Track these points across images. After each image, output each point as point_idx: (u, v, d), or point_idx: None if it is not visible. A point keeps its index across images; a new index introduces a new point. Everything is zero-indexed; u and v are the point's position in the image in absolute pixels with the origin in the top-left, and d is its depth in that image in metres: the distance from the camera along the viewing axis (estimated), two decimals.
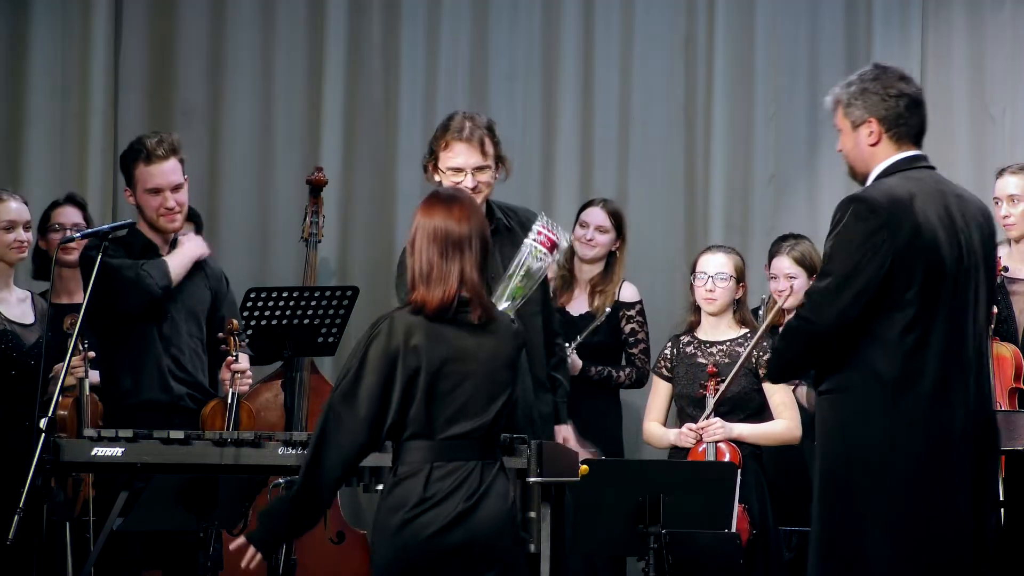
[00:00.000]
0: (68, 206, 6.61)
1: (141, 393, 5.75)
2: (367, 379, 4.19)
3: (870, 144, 4.50)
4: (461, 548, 4.19)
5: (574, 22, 7.93)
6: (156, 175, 5.76)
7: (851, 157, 4.55)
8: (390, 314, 4.27)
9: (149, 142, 5.79)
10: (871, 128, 4.48)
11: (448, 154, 5.44)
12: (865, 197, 4.41)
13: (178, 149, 5.81)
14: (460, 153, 5.43)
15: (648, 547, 5.44)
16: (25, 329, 5.71)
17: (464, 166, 5.42)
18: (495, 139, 5.48)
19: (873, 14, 7.99)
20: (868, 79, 4.52)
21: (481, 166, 5.43)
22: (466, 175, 5.42)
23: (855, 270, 4.34)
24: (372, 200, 7.83)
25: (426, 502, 4.18)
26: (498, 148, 5.49)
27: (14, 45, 7.66)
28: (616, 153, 7.94)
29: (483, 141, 5.42)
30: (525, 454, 4.84)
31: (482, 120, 5.49)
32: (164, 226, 5.83)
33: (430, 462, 4.21)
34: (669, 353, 6.40)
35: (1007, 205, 6.39)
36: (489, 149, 5.44)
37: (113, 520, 5.12)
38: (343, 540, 6.93)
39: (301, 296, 6.76)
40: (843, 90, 4.54)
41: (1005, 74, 7.93)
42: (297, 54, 7.85)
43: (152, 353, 5.77)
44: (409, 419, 4.21)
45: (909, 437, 4.36)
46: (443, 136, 5.46)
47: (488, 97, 7.85)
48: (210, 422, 5.72)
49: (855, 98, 4.51)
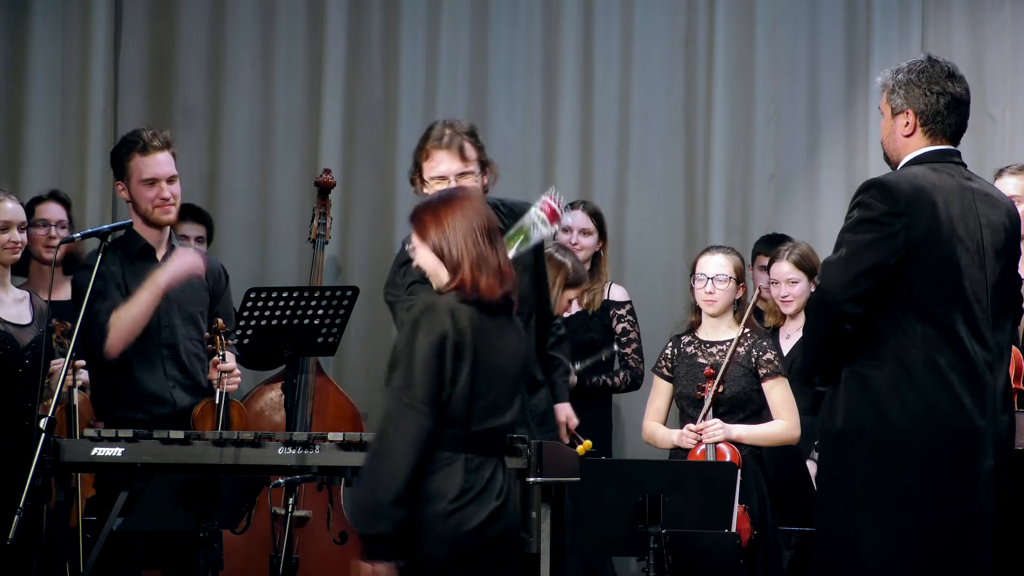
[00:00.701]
0: (52, 202, 6.60)
1: (141, 396, 5.76)
2: (419, 365, 4.19)
3: (905, 134, 4.52)
4: (496, 541, 4.27)
5: (574, 22, 7.93)
6: (152, 165, 5.78)
7: (886, 143, 4.59)
8: (431, 299, 4.27)
9: (145, 134, 5.83)
10: (908, 119, 4.50)
11: (430, 164, 5.43)
12: (887, 181, 4.42)
13: (172, 144, 5.86)
14: (441, 161, 5.41)
15: (648, 547, 5.44)
16: (20, 329, 5.70)
17: (446, 173, 5.40)
18: (477, 144, 5.45)
19: (873, 14, 7.99)
20: (916, 70, 4.53)
21: (463, 172, 5.41)
22: (449, 182, 5.39)
23: (869, 245, 4.35)
24: (372, 200, 7.83)
25: (467, 494, 4.22)
26: (481, 152, 5.46)
27: (14, 45, 7.65)
28: (616, 153, 7.93)
29: (462, 147, 5.40)
30: (525, 454, 4.84)
31: (462, 126, 5.46)
32: (159, 218, 5.82)
33: (463, 454, 4.23)
34: (670, 353, 6.40)
35: None
36: (470, 154, 5.42)
37: (113, 520, 5.12)
38: (346, 540, 6.93)
39: (301, 296, 6.75)
40: (891, 76, 4.56)
41: (1005, 73, 7.93)
42: (297, 54, 7.85)
43: (151, 357, 5.78)
44: (451, 406, 4.22)
45: (919, 431, 4.35)
46: (424, 146, 5.45)
47: (488, 97, 7.85)
48: (200, 423, 5.72)
49: (900, 86, 4.53)
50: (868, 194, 4.40)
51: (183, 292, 5.86)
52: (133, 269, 5.84)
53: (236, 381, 5.83)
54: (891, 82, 4.55)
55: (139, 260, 5.85)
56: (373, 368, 7.73)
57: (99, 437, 5.06)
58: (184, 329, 5.83)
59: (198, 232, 7.16)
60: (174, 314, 5.83)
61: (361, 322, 7.52)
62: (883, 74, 4.60)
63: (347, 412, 7.03)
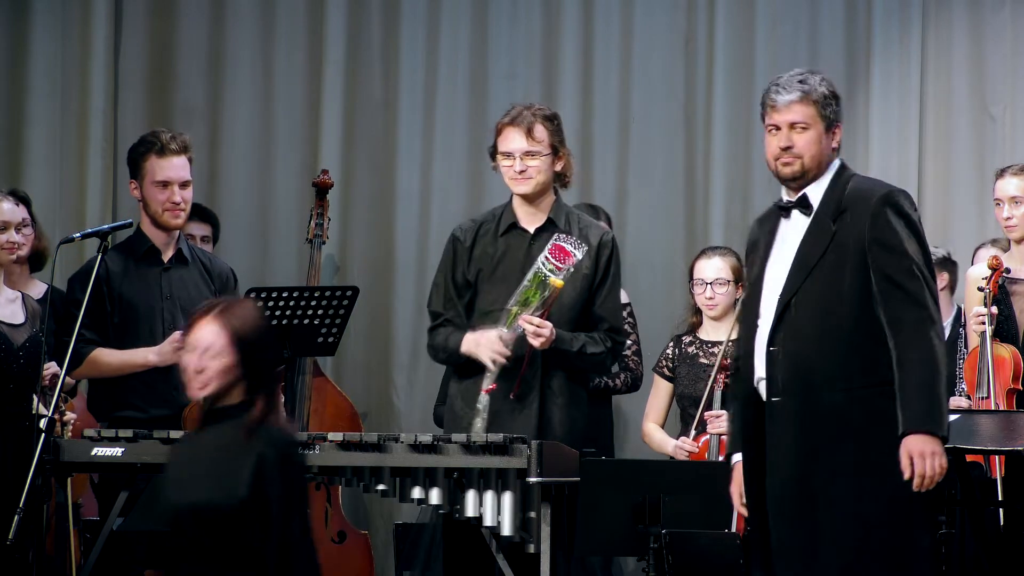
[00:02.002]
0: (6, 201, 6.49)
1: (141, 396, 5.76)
2: None
3: (834, 147, 4.56)
4: None
5: (574, 22, 7.93)
6: (167, 168, 5.79)
7: (818, 153, 4.54)
8: None
9: (163, 136, 5.83)
10: (840, 133, 4.52)
11: (500, 140, 5.49)
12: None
13: (189, 148, 5.87)
14: (508, 137, 5.46)
15: (648, 547, 5.44)
16: (14, 329, 5.69)
17: (512, 150, 5.44)
18: (552, 127, 5.49)
19: (873, 14, 7.98)
20: (828, 80, 4.53)
21: (529, 151, 5.43)
22: (515, 160, 5.44)
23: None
24: (372, 200, 7.83)
25: None
26: (553, 137, 5.48)
27: (14, 45, 7.65)
28: (616, 153, 7.93)
29: (532, 127, 5.44)
30: (525, 454, 4.85)
31: (541, 110, 5.52)
32: (168, 221, 5.83)
33: None
34: (671, 353, 6.40)
35: (1009, 207, 6.35)
36: (540, 135, 5.45)
37: (113, 520, 5.12)
38: (344, 540, 6.94)
39: (301, 296, 6.75)
40: (816, 85, 4.52)
41: (1005, 73, 7.92)
42: (297, 54, 7.85)
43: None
44: None
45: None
46: (498, 124, 5.52)
47: (488, 97, 7.84)
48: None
49: (831, 99, 4.52)
50: (908, 202, 4.42)
51: (187, 293, 5.86)
52: (136, 271, 5.83)
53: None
54: (819, 93, 4.51)
55: (143, 262, 5.85)
56: (373, 368, 7.73)
57: (99, 437, 5.07)
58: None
59: (204, 231, 7.16)
60: (178, 315, 5.82)
61: (361, 322, 7.52)
62: (803, 84, 4.51)
63: (345, 412, 7.03)
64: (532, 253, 5.42)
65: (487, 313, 5.44)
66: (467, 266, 5.48)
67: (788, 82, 4.51)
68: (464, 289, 5.50)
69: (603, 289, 5.49)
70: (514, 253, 5.47)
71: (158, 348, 5.73)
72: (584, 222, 5.55)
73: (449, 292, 5.51)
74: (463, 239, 5.53)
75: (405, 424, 7.54)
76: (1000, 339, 6.19)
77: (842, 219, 4.46)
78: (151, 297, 5.83)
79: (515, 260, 5.45)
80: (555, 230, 5.45)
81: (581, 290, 5.45)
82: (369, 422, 7.57)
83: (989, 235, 7.35)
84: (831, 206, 4.48)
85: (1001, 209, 6.36)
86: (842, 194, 4.49)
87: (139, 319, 5.79)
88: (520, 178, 5.44)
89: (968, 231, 7.71)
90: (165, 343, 5.73)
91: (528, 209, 5.50)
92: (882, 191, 4.49)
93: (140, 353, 5.73)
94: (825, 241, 4.45)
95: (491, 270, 5.46)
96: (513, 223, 5.51)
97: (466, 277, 5.48)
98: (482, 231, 5.52)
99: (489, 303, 5.44)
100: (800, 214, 4.53)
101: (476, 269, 5.48)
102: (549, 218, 5.49)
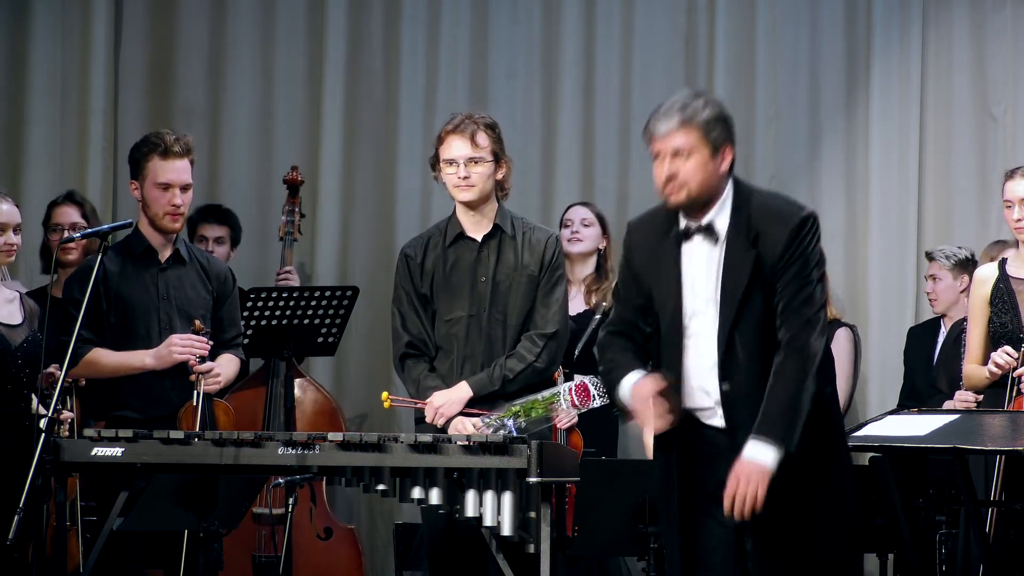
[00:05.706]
0: (66, 205, 6.64)
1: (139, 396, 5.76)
2: None
3: (725, 170, 4.36)
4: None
5: (574, 22, 7.93)
6: (170, 170, 5.78)
7: (705, 180, 4.34)
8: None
9: (168, 137, 5.82)
10: (729, 154, 4.36)
11: (443, 148, 5.56)
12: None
13: (192, 150, 5.86)
14: (452, 145, 5.54)
15: (648, 547, 5.44)
16: (11, 330, 5.69)
17: (456, 157, 5.52)
18: (493, 135, 5.56)
19: (873, 14, 7.98)
20: (714, 103, 4.38)
21: (473, 157, 5.51)
22: (459, 167, 5.51)
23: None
24: (372, 200, 7.84)
25: None
26: (496, 145, 5.56)
27: (14, 45, 7.66)
28: (616, 153, 7.93)
29: (475, 134, 5.53)
30: (525, 454, 4.84)
31: (482, 118, 5.60)
32: (166, 225, 5.82)
33: None
34: None
35: (1019, 208, 6.25)
36: (482, 142, 5.54)
37: (113, 520, 5.12)
38: (331, 536, 6.95)
39: (301, 296, 6.76)
40: (699, 111, 4.34)
41: (1006, 74, 7.92)
42: (297, 54, 7.85)
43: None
44: None
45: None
46: (441, 133, 5.60)
47: (488, 97, 7.85)
48: (184, 424, 5.71)
49: (717, 122, 4.35)
50: (815, 227, 4.33)
51: (184, 294, 5.86)
52: (132, 271, 5.82)
53: (216, 380, 5.80)
54: (702, 118, 4.34)
55: (140, 262, 5.84)
56: (373, 368, 7.73)
57: (99, 437, 5.06)
58: (183, 331, 5.81)
59: (218, 233, 7.16)
60: (174, 315, 5.82)
61: (361, 322, 7.52)
62: (683, 111, 4.33)
63: (325, 408, 7.02)
64: (481, 259, 5.55)
65: (448, 321, 5.55)
66: (421, 280, 5.58)
67: (668, 109, 4.36)
68: (425, 303, 5.57)
69: (547, 289, 5.59)
70: (463, 262, 5.58)
71: (155, 352, 5.72)
72: (528, 225, 5.66)
73: (416, 309, 5.58)
74: (414, 255, 5.62)
75: (405, 424, 7.54)
76: (1005, 341, 6.12)
77: (760, 242, 4.34)
78: (148, 297, 5.82)
79: (465, 268, 5.57)
80: (502, 235, 5.55)
81: (527, 291, 5.55)
82: (369, 422, 7.57)
83: (990, 236, 7.35)
84: (742, 230, 4.35)
85: (1011, 211, 6.26)
86: (749, 216, 4.37)
87: (136, 319, 5.79)
88: (464, 185, 5.53)
89: (969, 231, 7.71)
90: (162, 346, 5.73)
91: (473, 217, 5.59)
92: (796, 216, 4.37)
93: (137, 356, 5.73)
94: (748, 270, 4.32)
95: (443, 281, 5.58)
96: (460, 233, 5.61)
97: (422, 291, 5.56)
98: (431, 244, 5.63)
99: (448, 312, 5.56)
100: (704, 240, 4.42)
101: (429, 282, 5.58)
102: (496, 224, 5.59)
